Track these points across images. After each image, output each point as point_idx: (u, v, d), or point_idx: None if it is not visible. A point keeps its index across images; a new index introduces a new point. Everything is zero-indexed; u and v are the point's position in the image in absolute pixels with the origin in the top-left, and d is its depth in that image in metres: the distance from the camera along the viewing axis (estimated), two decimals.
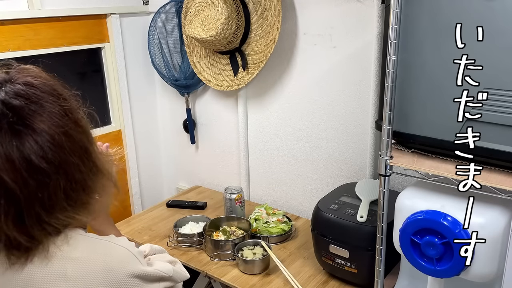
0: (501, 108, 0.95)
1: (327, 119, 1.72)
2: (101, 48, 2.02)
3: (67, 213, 0.71)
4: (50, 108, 0.68)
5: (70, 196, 0.70)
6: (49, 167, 0.66)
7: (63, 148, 0.68)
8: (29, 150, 0.65)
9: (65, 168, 0.68)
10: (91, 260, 0.74)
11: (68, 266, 0.72)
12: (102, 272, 0.73)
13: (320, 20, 1.63)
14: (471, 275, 1.03)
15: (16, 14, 1.69)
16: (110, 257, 0.75)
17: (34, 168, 0.65)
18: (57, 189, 0.68)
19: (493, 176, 1.01)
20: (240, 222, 1.71)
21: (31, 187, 0.66)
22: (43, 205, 0.68)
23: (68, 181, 0.69)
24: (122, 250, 0.77)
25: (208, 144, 2.17)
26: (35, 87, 0.69)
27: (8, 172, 0.64)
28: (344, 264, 1.35)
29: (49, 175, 0.67)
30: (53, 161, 0.67)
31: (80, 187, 0.72)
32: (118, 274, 0.74)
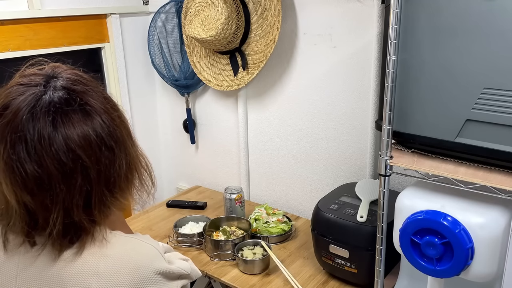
0: (501, 108, 0.95)
1: (327, 119, 1.72)
2: (101, 48, 2.02)
3: (123, 194, 0.75)
4: (100, 93, 0.74)
5: (126, 177, 0.75)
6: (115, 145, 0.72)
7: (120, 127, 0.74)
8: (100, 128, 0.70)
9: (125, 147, 0.74)
10: (122, 257, 0.75)
11: (101, 262, 0.73)
12: (132, 269, 0.74)
13: (320, 20, 1.63)
14: (471, 275, 1.03)
15: (16, 14, 1.69)
16: (139, 254, 0.76)
17: (105, 145, 0.70)
18: (120, 167, 0.72)
19: (493, 176, 1.01)
20: (240, 222, 1.71)
21: (101, 164, 0.70)
22: (107, 184, 0.72)
23: (126, 161, 0.74)
24: (149, 248, 0.78)
25: (208, 144, 2.17)
26: (81, 76, 0.75)
27: (85, 150, 0.68)
28: (344, 264, 1.35)
29: (114, 153, 0.72)
30: (117, 139, 0.73)
31: (134, 168, 0.77)
32: (146, 271, 0.75)
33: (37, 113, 0.67)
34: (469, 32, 0.95)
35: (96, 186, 0.71)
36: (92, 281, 0.73)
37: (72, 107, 0.69)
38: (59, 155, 0.67)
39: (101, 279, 0.73)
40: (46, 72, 0.74)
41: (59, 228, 0.70)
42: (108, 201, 0.73)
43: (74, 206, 0.70)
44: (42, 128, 0.67)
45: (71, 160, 0.68)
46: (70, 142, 0.67)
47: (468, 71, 0.97)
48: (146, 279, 0.75)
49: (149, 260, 0.77)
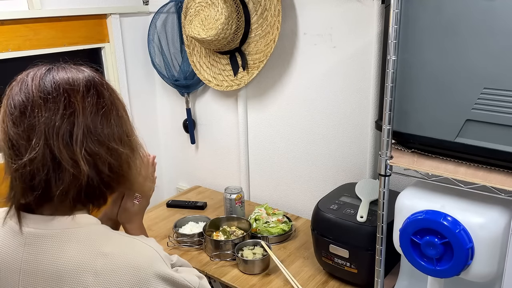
0: (501, 108, 0.95)
1: (327, 119, 1.72)
2: (101, 48, 2.02)
3: (109, 153, 0.78)
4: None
5: (113, 137, 0.81)
6: (103, 100, 0.81)
7: (113, 96, 0.84)
8: (91, 79, 0.82)
9: (117, 110, 0.83)
10: (120, 256, 0.75)
11: (98, 260, 0.74)
12: (130, 269, 0.75)
13: (320, 20, 1.63)
14: (471, 275, 1.03)
15: (16, 14, 1.69)
16: (138, 255, 0.77)
17: (93, 94, 0.80)
18: (108, 122, 0.80)
19: (493, 176, 1.01)
20: (240, 222, 1.71)
21: (86, 109, 0.78)
22: (91, 128, 0.77)
23: (117, 122, 0.82)
24: (150, 250, 0.79)
25: (208, 144, 2.17)
26: None
27: (71, 88, 0.77)
28: (344, 264, 1.35)
29: (103, 105, 0.80)
30: (107, 97, 0.82)
31: (128, 148, 0.83)
32: (145, 272, 0.75)
33: (39, 68, 0.80)
34: (469, 32, 0.95)
35: (80, 123, 0.75)
36: (89, 278, 0.73)
37: (68, 64, 0.82)
38: (45, 86, 0.75)
39: (99, 277, 0.73)
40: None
41: (47, 174, 0.74)
42: (92, 147, 0.76)
43: (55, 136, 0.73)
44: (38, 71, 0.79)
45: (55, 90, 0.75)
46: (59, 79, 0.77)
47: (468, 71, 0.97)
48: (147, 281, 0.75)
49: (148, 262, 0.77)
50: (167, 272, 0.78)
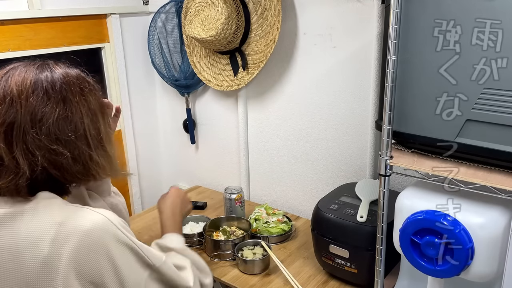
0: (501, 108, 0.95)
1: (327, 119, 1.72)
2: (101, 48, 2.02)
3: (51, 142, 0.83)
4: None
5: (61, 128, 0.84)
6: (55, 97, 0.85)
7: (71, 88, 0.88)
8: (44, 79, 0.86)
9: (71, 105, 0.86)
10: (71, 223, 0.80)
11: (52, 230, 0.79)
12: (81, 234, 0.79)
13: (320, 20, 1.63)
14: (471, 275, 1.03)
15: (16, 14, 1.69)
16: (88, 221, 0.81)
17: (40, 92, 0.85)
18: (51, 114, 0.84)
19: (493, 176, 1.01)
20: (240, 222, 1.71)
21: (31, 104, 0.84)
22: (34, 122, 0.83)
23: (82, 131, 0.86)
24: (100, 217, 0.83)
25: (208, 144, 2.17)
26: None
27: (17, 86, 0.84)
28: (344, 264, 1.35)
29: (48, 101, 0.84)
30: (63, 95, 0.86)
31: (85, 146, 0.86)
32: (95, 236, 0.80)
33: (12, 65, 0.88)
34: (469, 32, 0.95)
35: (21, 120, 0.80)
36: (45, 248, 0.78)
37: (33, 65, 0.87)
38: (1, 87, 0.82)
39: (54, 245, 0.78)
40: None
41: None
42: (30, 140, 0.81)
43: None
44: (3, 70, 0.87)
45: (5, 91, 0.82)
46: (11, 80, 0.83)
47: (468, 71, 0.97)
48: (96, 243, 0.80)
49: (100, 226, 0.81)
50: (119, 235, 0.83)
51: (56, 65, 0.89)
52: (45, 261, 0.78)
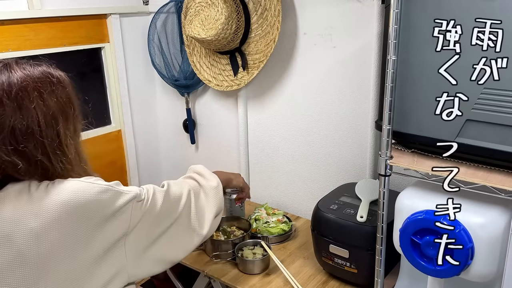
0: (501, 108, 0.95)
1: (327, 119, 1.72)
2: (101, 48, 2.02)
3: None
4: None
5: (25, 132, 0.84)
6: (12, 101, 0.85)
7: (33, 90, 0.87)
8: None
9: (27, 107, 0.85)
10: (53, 194, 0.84)
11: (34, 204, 0.83)
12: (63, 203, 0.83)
13: (320, 20, 1.63)
14: (471, 275, 1.03)
15: (16, 14, 1.69)
16: (74, 189, 0.85)
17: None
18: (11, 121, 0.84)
19: (493, 176, 1.01)
20: (240, 222, 1.71)
21: None
22: None
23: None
24: (85, 184, 0.87)
25: (208, 144, 2.17)
26: None
27: None
28: (344, 264, 1.35)
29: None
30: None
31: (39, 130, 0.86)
32: (84, 194, 0.85)
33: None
34: (469, 32, 0.95)
35: None
36: (31, 222, 0.81)
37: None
38: None
39: (39, 217, 0.81)
40: None
41: None
42: None
43: None
44: None
45: None
46: None
47: (468, 71, 0.97)
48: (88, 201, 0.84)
49: (85, 188, 0.85)
50: (104, 185, 0.89)
51: (16, 66, 0.87)
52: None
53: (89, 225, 0.85)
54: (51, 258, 0.82)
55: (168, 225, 1.03)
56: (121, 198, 0.90)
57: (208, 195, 1.17)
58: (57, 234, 0.82)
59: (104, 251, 0.88)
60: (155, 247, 0.99)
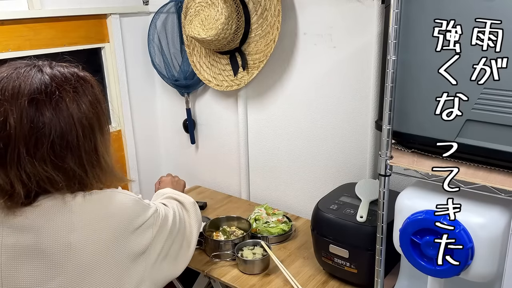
0: (501, 108, 0.95)
1: (327, 119, 1.72)
2: (101, 48, 2.02)
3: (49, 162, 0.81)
4: None
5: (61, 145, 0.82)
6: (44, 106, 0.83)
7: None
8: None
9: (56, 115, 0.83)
10: (93, 209, 0.86)
11: (74, 217, 0.83)
12: (106, 218, 0.84)
13: (320, 20, 1.63)
14: (471, 275, 1.03)
15: (16, 14, 1.69)
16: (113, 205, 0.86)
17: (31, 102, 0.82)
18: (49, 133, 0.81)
19: (493, 176, 1.01)
20: (240, 222, 1.71)
21: (24, 122, 0.80)
22: (27, 142, 0.80)
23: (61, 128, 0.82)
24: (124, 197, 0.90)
25: (208, 144, 2.17)
26: None
27: (6, 100, 0.80)
28: (344, 264, 1.35)
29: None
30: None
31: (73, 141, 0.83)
32: (122, 218, 0.87)
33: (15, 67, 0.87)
34: (469, 32, 0.95)
35: (13, 142, 0.77)
36: (70, 236, 0.80)
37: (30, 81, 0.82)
38: None
39: (78, 232, 0.81)
40: None
41: None
42: (22, 163, 0.79)
43: None
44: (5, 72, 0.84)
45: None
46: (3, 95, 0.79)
47: (468, 71, 0.97)
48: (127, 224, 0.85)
49: (124, 208, 0.87)
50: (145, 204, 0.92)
51: (48, 67, 0.85)
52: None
53: (124, 235, 0.85)
54: (87, 268, 0.82)
55: (174, 238, 1.05)
56: (148, 211, 0.92)
57: (190, 211, 1.20)
58: (95, 245, 0.82)
59: (132, 261, 0.88)
60: (165, 261, 1.01)
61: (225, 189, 2.16)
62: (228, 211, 1.89)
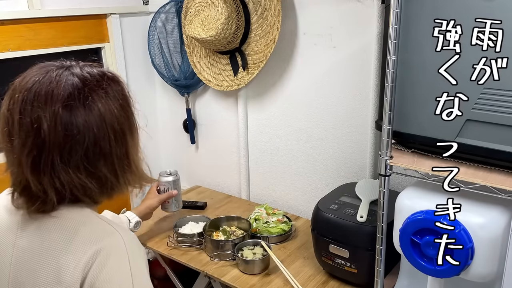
0: (501, 108, 0.95)
1: (327, 119, 1.72)
2: (101, 48, 2.02)
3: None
4: None
5: (93, 153, 0.79)
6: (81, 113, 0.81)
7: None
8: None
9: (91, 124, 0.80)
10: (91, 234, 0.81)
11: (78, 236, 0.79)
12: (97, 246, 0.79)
13: (320, 20, 1.63)
14: (471, 275, 1.03)
15: (16, 14, 1.69)
16: (106, 235, 0.81)
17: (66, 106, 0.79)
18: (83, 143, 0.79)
19: (493, 176, 1.01)
20: (240, 222, 1.71)
21: (57, 128, 0.78)
22: (60, 149, 0.77)
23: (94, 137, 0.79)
24: (116, 235, 0.81)
25: (208, 144, 2.17)
26: None
27: (41, 107, 0.77)
28: (344, 264, 1.35)
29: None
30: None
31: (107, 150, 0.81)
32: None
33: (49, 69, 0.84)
34: (469, 32, 0.95)
35: (47, 149, 0.75)
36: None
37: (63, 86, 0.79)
38: (24, 106, 0.76)
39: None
40: None
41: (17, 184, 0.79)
42: (56, 171, 0.77)
43: (24, 161, 0.76)
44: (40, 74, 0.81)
45: (30, 115, 0.75)
46: (35, 102, 0.76)
47: (468, 71, 0.97)
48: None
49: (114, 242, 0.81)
50: (126, 260, 0.82)
51: (76, 67, 0.83)
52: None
53: None
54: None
55: None
56: None
57: None
58: None
59: None
60: None
61: (225, 189, 2.16)
62: (228, 211, 1.89)
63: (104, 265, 0.76)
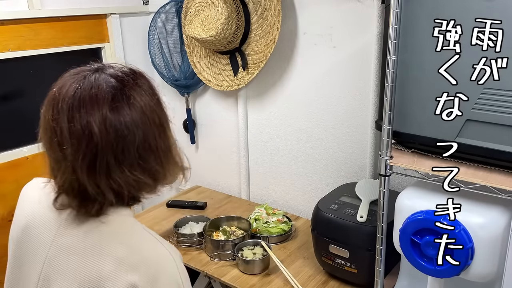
0: (501, 108, 0.95)
1: (327, 119, 1.72)
2: (101, 48, 2.02)
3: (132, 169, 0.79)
4: None
5: (139, 154, 0.79)
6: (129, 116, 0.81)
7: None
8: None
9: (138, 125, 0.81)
10: (141, 251, 0.80)
11: (119, 249, 0.79)
12: (146, 266, 0.78)
13: (320, 20, 1.63)
14: (471, 275, 1.03)
15: (16, 14, 1.69)
16: (158, 256, 0.81)
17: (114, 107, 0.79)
18: (133, 143, 0.79)
19: (493, 176, 1.01)
20: (240, 222, 1.71)
21: (110, 133, 0.78)
22: (115, 153, 0.78)
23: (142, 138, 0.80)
24: (168, 256, 0.82)
25: (208, 144, 2.17)
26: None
27: (90, 113, 0.77)
28: (344, 264, 1.35)
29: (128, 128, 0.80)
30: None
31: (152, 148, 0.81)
32: (159, 273, 0.79)
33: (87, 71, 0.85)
34: (469, 32, 0.95)
35: (101, 152, 0.75)
36: (108, 263, 0.77)
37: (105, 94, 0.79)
38: (72, 114, 0.75)
39: (120, 265, 0.77)
40: None
41: (66, 186, 0.78)
42: (112, 172, 0.77)
43: (79, 167, 0.75)
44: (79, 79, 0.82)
45: (79, 122, 0.75)
46: (83, 108, 0.76)
47: (468, 71, 0.97)
48: (157, 280, 0.79)
49: (165, 265, 0.81)
50: (177, 279, 0.81)
51: (107, 68, 0.84)
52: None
53: None
54: None
55: None
56: None
57: None
58: None
59: None
60: None
61: (225, 189, 2.16)
62: (228, 211, 1.89)
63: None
